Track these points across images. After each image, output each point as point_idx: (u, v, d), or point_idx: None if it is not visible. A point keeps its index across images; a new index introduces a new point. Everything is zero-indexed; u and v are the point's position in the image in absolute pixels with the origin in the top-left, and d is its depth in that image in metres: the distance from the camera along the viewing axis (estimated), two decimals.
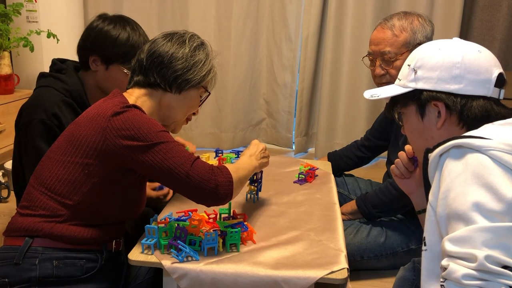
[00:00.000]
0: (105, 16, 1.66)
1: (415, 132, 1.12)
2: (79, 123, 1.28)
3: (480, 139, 0.91)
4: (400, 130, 2.06)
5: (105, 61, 1.63)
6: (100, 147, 1.22)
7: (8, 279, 1.19)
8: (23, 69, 2.99)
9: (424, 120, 1.09)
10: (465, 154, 0.92)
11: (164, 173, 1.21)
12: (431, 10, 3.09)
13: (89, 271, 1.25)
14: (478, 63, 1.04)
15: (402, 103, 1.13)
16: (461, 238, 0.85)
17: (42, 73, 1.71)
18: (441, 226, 0.93)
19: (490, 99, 1.04)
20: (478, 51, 1.06)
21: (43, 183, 1.26)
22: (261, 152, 1.50)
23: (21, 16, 2.81)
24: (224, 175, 1.25)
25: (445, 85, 1.04)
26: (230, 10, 3.28)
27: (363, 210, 1.93)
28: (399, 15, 1.81)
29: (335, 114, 3.36)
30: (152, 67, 1.33)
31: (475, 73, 1.03)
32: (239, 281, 1.17)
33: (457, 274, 0.83)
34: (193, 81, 1.35)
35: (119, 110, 1.23)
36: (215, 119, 3.50)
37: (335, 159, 2.30)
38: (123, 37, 1.61)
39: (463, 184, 0.89)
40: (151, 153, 1.21)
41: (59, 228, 1.22)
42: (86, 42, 1.65)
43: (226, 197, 1.25)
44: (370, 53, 1.86)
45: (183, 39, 1.36)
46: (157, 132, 1.22)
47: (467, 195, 0.87)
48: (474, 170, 0.89)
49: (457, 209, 0.88)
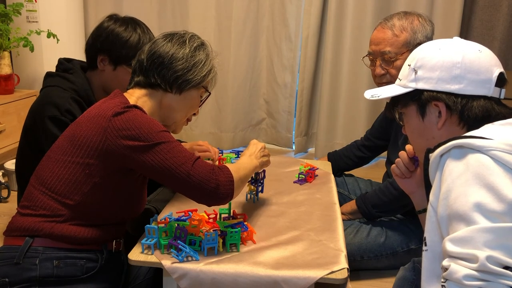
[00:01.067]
0: (116, 17, 1.67)
1: (415, 132, 1.12)
2: (80, 123, 1.28)
3: (481, 139, 0.91)
4: (400, 130, 2.06)
5: (113, 61, 1.64)
6: (101, 147, 1.22)
7: (8, 279, 1.19)
8: (23, 69, 2.98)
9: (424, 120, 1.08)
10: (466, 155, 0.91)
11: (165, 173, 1.21)
12: (431, 10, 3.09)
13: (89, 271, 1.25)
14: (479, 62, 1.03)
15: (402, 103, 1.12)
16: (463, 239, 0.85)
17: (49, 72, 1.71)
18: (442, 226, 0.92)
19: (491, 99, 1.03)
20: (478, 50, 1.05)
21: (44, 183, 1.26)
22: (260, 151, 1.50)
23: (21, 16, 2.81)
24: (225, 175, 1.25)
25: (446, 85, 1.04)
26: (230, 10, 3.28)
27: (363, 210, 1.93)
28: (399, 15, 1.81)
29: (335, 114, 3.36)
30: (153, 68, 1.34)
31: (476, 73, 1.03)
32: (239, 281, 1.17)
33: (458, 274, 0.83)
34: (193, 81, 1.35)
35: (120, 110, 1.23)
36: (215, 119, 3.50)
37: (335, 159, 2.30)
38: (134, 39, 1.62)
39: (464, 184, 0.88)
40: (152, 153, 1.21)
41: (59, 228, 1.22)
42: (96, 41, 1.65)
43: (227, 197, 1.25)
44: (370, 53, 1.86)
45: (183, 39, 1.36)
46: (158, 132, 1.22)
47: (468, 195, 0.87)
48: (475, 170, 0.89)
49: (458, 210, 0.87)
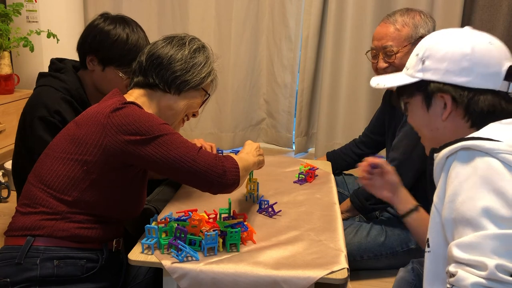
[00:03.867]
0: (106, 16, 1.65)
1: (419, 122, 1.09)
2: (79, 122, 1.28)
3: (490, 141, 0.88)
4: (395, 124, 2.05)
5: (102, 62, 1.62)
6: (100, 143, 1.22)
7: (9, 279, 1.19)
8: (23, 69, 2.98)
9: (429, 111, 1.06)
10: (474, 157, 0.89)
11: (170, 164, 1.22)
12: (431, 10, 3.09)
13: (89, 271, 1.25)
14: (489, 55, 0.99)
15: (408, 93, 1.09)
16: (470, 245, 0.83)
17: (42, 73, 1.71)
18: (447, 229, 0.91)
19: (498, 93, 1.00)
20: (489, 42, 1.02)
21: (42, 180, 1.26)
22: (256, 150, 1.51)
23: (21, 16, 2.81)
24: (230, 162, 1.27)
25: (453, 77, 1.00)
26: (230, 10, 3.28)
27: (357, 205, 1.95)
28: (402, 11, 1.85)
29: (335, 114, 3.36)
30: (151, 68, 1.34)
31: (485, 66, 0.99)
32: (239, 281, 1.17)
33: (466, 282, 0.81)
34: (192, 82, 1.36)
35: (118, 106, 1.24)
36: (215, 119, 3.50)
37: (334, 158, 2.30)
38: (121, 39, 1.59)
39: (472, 188, 0.86)
40: (155, 146, 1.21)
41: (60, 226, 1.23)
42: (85, 40, 1.64)
43: (234, 184, 1.26)
44: (373, 48, 1.88)
45: (183, 41, 1.37)
46: (158, 125, 1.23)
47: (476, 200, 0.85)
48: (484, 174, 0.86)
49: (465, 214, 0.85)
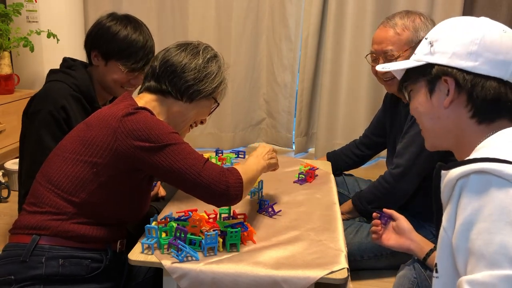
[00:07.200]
0: (113, 15, 1.70)
1: (421, 110, 1.04)
2: (90, 124, 1.29)
3: (508, 165, 0.80)
4: (396, 128, 2.05)
5: (104, 56, 1.67)
6: (111, 147, 1.23)
7: (14, 276, 1.19)
8: (23, 69, 2.98)
9: (432, 98, 1.00)
10: (489, 183, 0.81)
11: (175, 174, 1.22)
12: (431, 10, 3.09)
13: (94, 271, 1.26)
14: (500, 42, 0.94)
15: (413, 78, 1.04)
16: (483, 284, 0.76)
17: (53, 69, 1.76)
18: (458, 256, 0.84)
19: (506, 84, 0.94)
20: (503, 30, 0.96)
21: (50, 180, 1.27)
22: (268, 153, 1.52)
23: (21, 16, 2.80)
24: (234, 177, 1.27)
25: (459, 61, 0.95)
26: (230, 10, 3.28)
27: (359, 208, 1.94)
28: (401, 14, 1.82)
29: (335, 114, 3.36)
30: (165, 75, 1.36)
31: (494, 52, 0.93)
32: (239, 281, 1.17)
33: None
34: (204, 92, 1.37)
35: (130, 111, 1.25)
36: (215, 119, 3.50)
37: (334, 159, 2.30)
38: (121, 34, 1.64)
39: (488, 219, 0.79)
40: (163, 155, 1.22)
41: (66, 226, 1.23)
42: (88, 37, 1.71)
43: (236, 198, 1.27)
44: (372, 52, 1.86)
45: (197, 50, 1.39)
46: (168, 134, 1.24)
47: (494, 234, 0.77)
48: (502, 204, 0.78)
49: (480, 247, 0.78)
